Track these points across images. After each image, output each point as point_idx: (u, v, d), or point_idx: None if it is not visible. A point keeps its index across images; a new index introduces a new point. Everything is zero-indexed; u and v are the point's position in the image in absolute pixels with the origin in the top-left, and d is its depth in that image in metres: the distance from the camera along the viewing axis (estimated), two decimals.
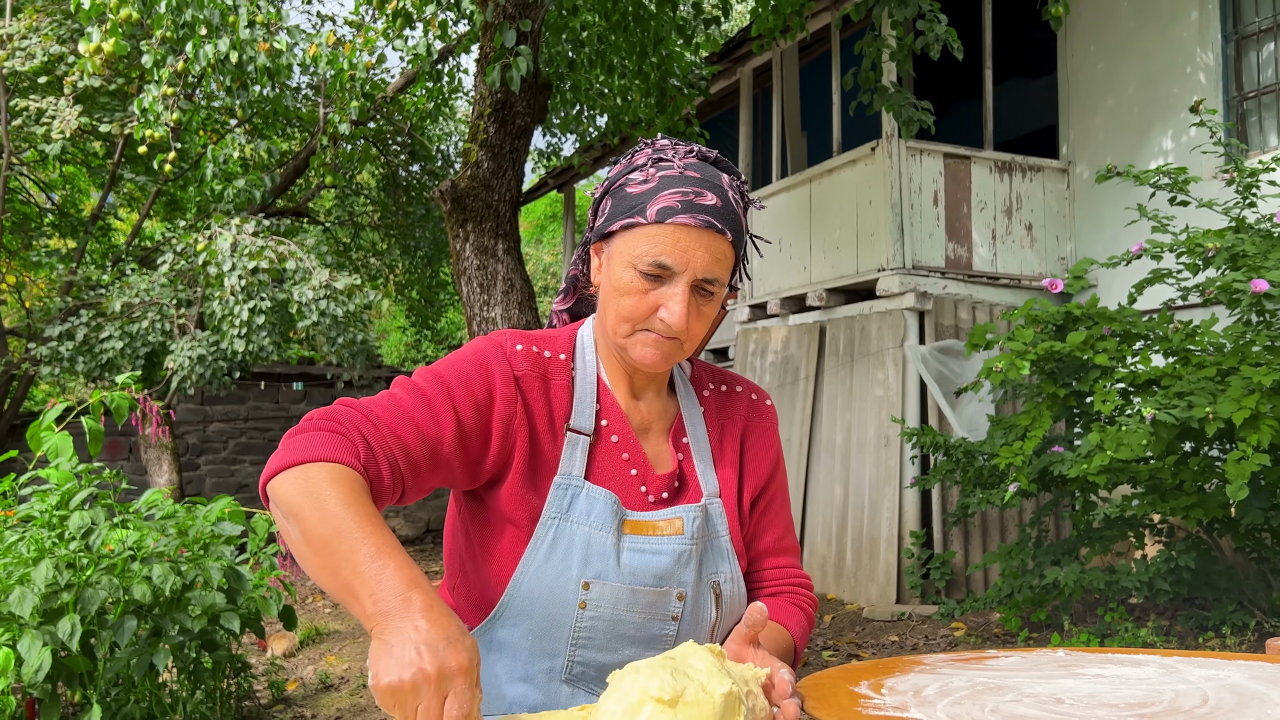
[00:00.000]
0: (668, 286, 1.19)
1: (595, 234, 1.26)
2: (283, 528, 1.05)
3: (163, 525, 3.93)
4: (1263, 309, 4.26)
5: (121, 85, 8.56)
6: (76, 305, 8.67)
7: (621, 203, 1.22)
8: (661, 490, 1.28)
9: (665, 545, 1.24)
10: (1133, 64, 7.12)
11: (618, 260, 1.21)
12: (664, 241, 1.18)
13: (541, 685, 1.23)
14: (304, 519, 1.01)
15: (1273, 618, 4.64)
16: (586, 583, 1.19)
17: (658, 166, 1.23)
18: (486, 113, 5.06)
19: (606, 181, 1.28)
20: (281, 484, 1.04)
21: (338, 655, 6.23)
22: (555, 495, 1.22)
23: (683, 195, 1.19)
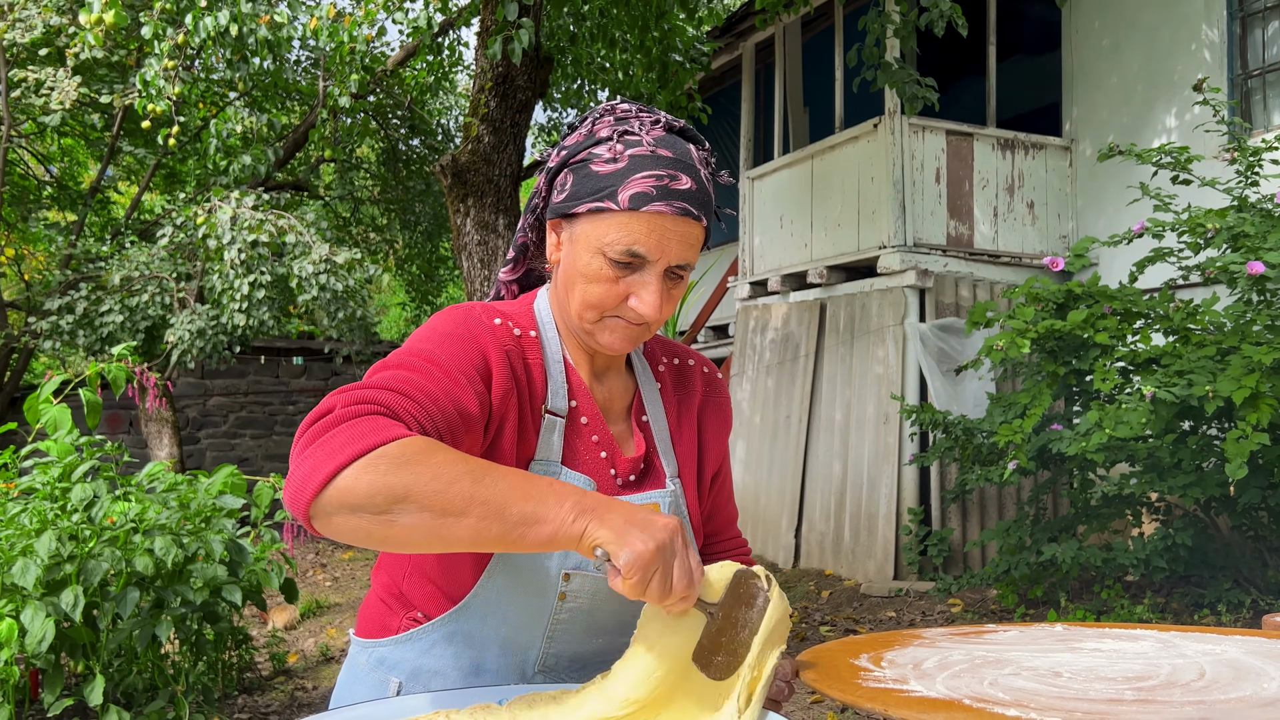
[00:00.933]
0: (639, 274, 1.13)
1: (554, 211, 1.17)
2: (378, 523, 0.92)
3: (164, 498, 3.94)
4: (1263, 288, 4.27)
5: (122, 57, 8.50)
6: (76, 278, 8.65)
7: (586, 182, 1.13)
8: (629, 473, 1.23)
9: None
10: (1137, 41, 7.07)
11: (584, 245, 1.13)
12: (638, 230, 1.10)
13: (510, 676, 1.20)
14: (420, 493, 0.91)
15: (1269, 595, 4.67)
16: (567, 574, 1.15)
17: (624, 142, 1.13)
18: (487, 86, 5.03)
19: (564, 151, 1.17)
20: (357, 480, 0.90)
21: (338, 628, 6.27)
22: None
23: (656, 179, 1.11)
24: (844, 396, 7.18)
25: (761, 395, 7.96)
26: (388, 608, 1.26)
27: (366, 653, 1.26)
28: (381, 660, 1.24)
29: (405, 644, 1.21)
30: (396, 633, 1.23)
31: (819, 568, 7.13)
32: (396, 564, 1.25)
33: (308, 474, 0.92)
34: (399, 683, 1.22)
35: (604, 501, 0.95)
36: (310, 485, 0.91)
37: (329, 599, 7.11)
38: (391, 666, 1.22)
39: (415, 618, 1.22)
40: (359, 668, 1.27)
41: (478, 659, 1.19)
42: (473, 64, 6.04)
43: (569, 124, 1.22)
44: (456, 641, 1.19)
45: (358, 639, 1.29)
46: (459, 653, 1.19)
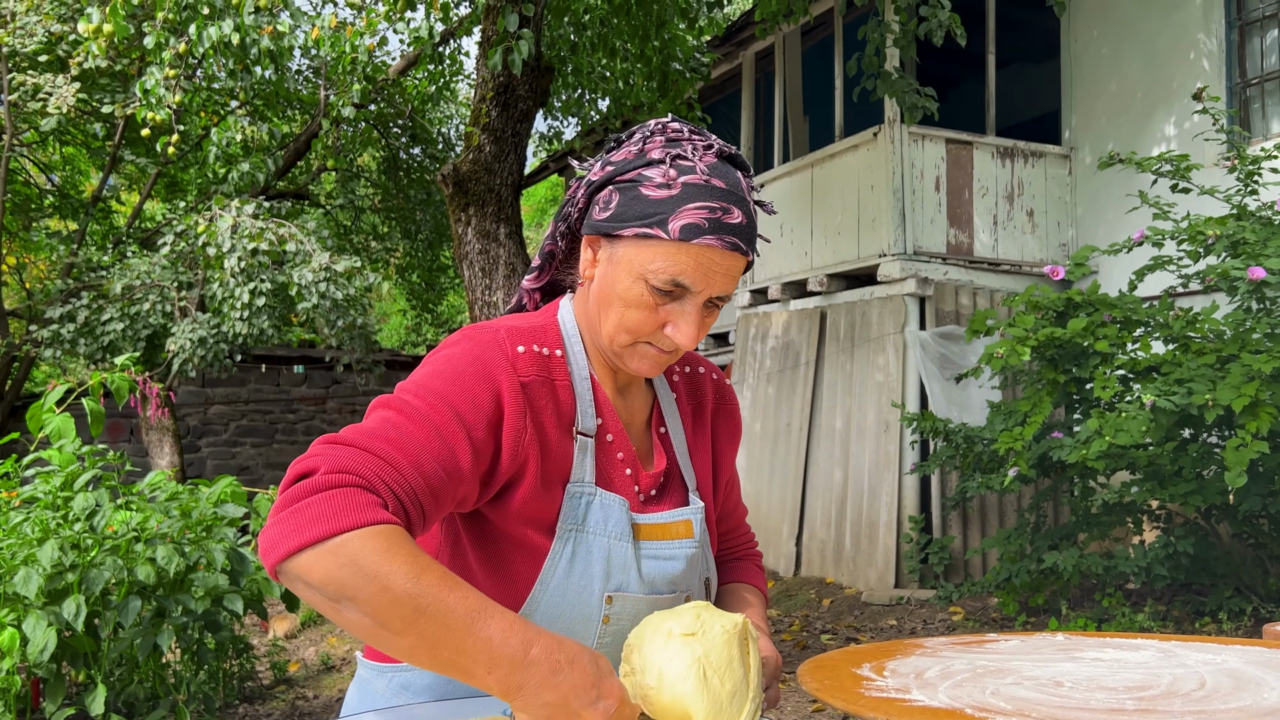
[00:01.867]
0: (679, 304, 1.11)
1: (595, 228, 1.14)
2: (328, 607, 0.92)
3: (166, 507, 3.95)
4: (1263, 296, 4.27)
5: (124, 66, 8.53)
6: (77, 287, 8.67)
7: (635, 205, 1.10)
8: (650, 487, 1.22)
9: (678, 550, 1.20)
10: (1136, 49, 7.10)
11: (625, 268, 1.11)
12: (685, 262, 1.08)
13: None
14: (365, 600, 0.90)
15: (1269, 603, 4.67)
16: (610, 596, 1.14)
17: (678, 167, 1.10)
18: (488, 96, 5.05)
19: (609, 167, 1.15)
20: (315, 564, 0.90)
21: (339, 637, 6.27)
22: (569, 505, 1.13)
23: (709, 212, 1.08)
24: (844, 404, 7.19)
25: (762, 403, 7.97)
26: None
27: (385, 677, 1.21)
28: (406, 685, 1.19)
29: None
30: None
31: (820, 576, 7.12)
32: None
33: (276, 540, 0.92)
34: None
35: (538, 677, 0.92)
36: (277, 552, 0.92)
37: None
38: (418, 692, 1.18)
39: None
40: (376, 693, 1.22)
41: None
42: (474, 73, 6.07)
43: (615, 138, 1.19)
44: None
45: (372, 662, 1.23)
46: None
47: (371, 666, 1.23)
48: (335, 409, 11.68)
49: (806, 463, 7.43)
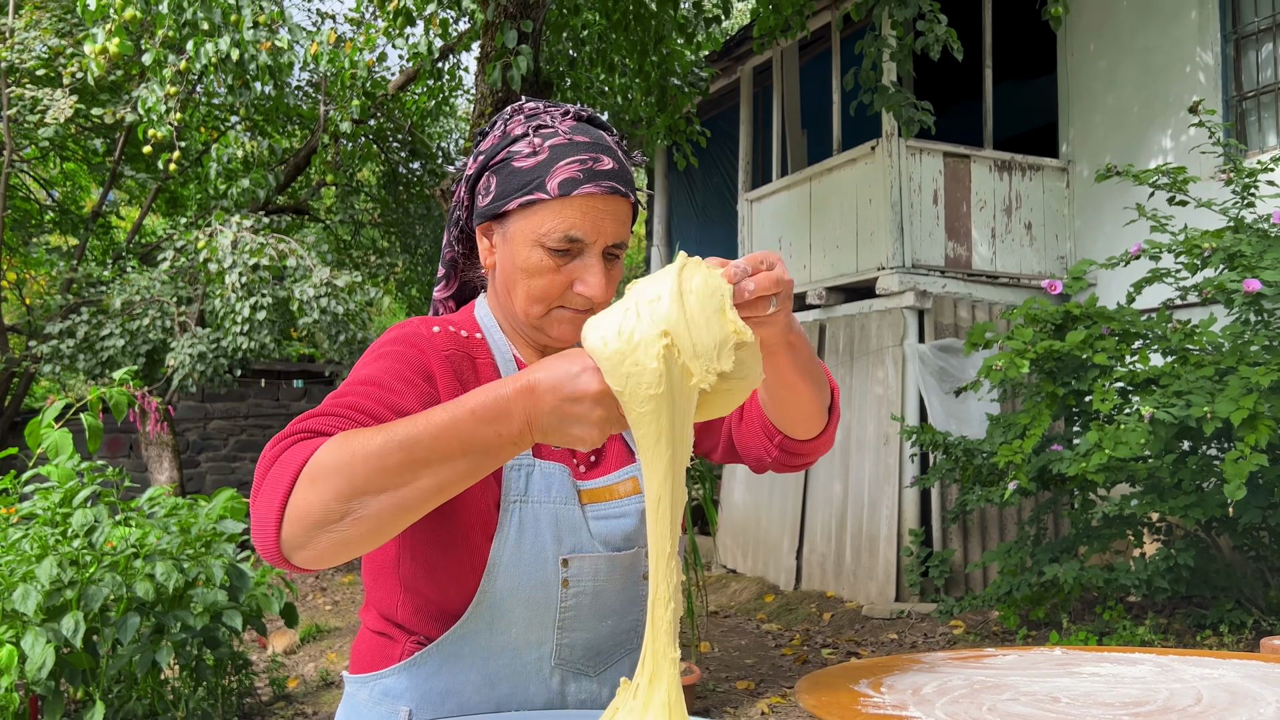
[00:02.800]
0: (580, 259, 1.13)
1: (482, 215, 1.18)
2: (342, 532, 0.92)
3: (165, 522, 3.95)
4: (1261, 308, 4.28)
5: (119, 78, 8.56)
6: (77, 302, 8.68)
7: (511, 179, 1.14)
8: (588, 456, 1.23)
9: (627, 506, 1.21)
10: (1132, 63, 7.13)
11: (519, 240, 1.14)
12: (572, 214, 1.12)
13: (530, 677, 1.18)
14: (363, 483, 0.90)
15: (1270, 616, 4.66)
16: (565, 559, 1.15)
17: (540, 135, 1.15)
18: (487, 111, 5.06)
19: (480, 156, 1.19)
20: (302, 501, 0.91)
21: (338, 652, 6.25)
22: (510, 478, 1.15)
23: (580, 164, 1.12)
24: (844, 417, 7.19)
25: None
26: (386, 639, 1.22)
27: (368, 687, 1.22)
28: (386, 692, 1.20)
29: (410, 669, 1.18)
30: (398, 661, 1.19)
31: (820, 589, 7.11)
32: (387, 595, 1.22)
33: (261, 521, 0.92)
34: (409, 711, 1.18)
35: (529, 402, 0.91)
36: (268, 529, 0.92)
37: (329, 623, 7.09)
38: (398, 696, 1.19)
39: (419, 641, 1.19)
40: (361, 704, 1.23)
41: (489, 669, 1.17)
42: (473, 88, 6.10)
43: (479, 131, 1.22)
44: (464, 655, 1.16)
45: (354, 676, 1.25)
46: (469, 666, 1.17)
47: (354, 680, 1.25)
48: None
49: (807, 475, 7.42)
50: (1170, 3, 6.88)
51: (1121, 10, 7.22)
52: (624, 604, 1.20)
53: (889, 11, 5.47)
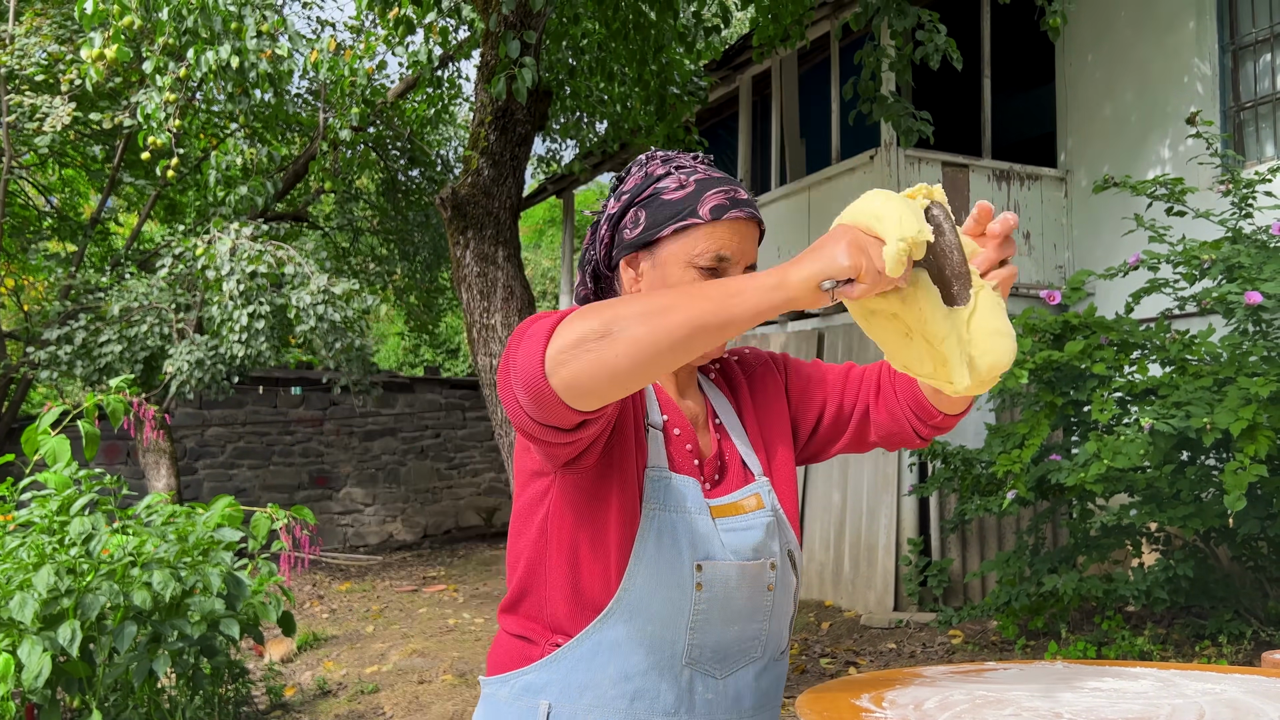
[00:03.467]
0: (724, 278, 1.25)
1: (629, 245, 1.32)
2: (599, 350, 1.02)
3: (162, 530, 3.93)
4: (1259, 319, 4.29)
5: (118, 85, 8.56)
6: (75, 309, 8.67)
7: (662, 210, 1.29)
8: (714, 474, 1.35)
9: (754, 520, 1.31)
10: (1130, 73, 7.15)
11: (672, 262, 1.28)
12: (722, 236, 1.27)
13: (663, 674, 1.26)
14: (628, 311, 1.02)
15: (1269, 626, 4.66)
16: (699, 564, 1.25)
17: (683, 172, 1.31)
18: (487, 120, 5.07)
19: (625, 195, 1.33)
20: (570, 326, 1.03)
21: (335, 661, 6.23)
22: (651, 487, 1.26)
23: (724, 193, 1.29)
24: None
25: None
26: (525, 640, 1.32)
27: (507, 686, 1.31)
28: (527, 687, 1.29)
29: (550, 666, 1.28)
30: (539, 659, 1.29)
31: (819, 598, 7.10)
32: (532, 595, 1.30)
33: (530, 349, 1.05)
34: (548, 704, 1.27)
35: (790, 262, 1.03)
36: (537, 350, 1.04)
37: (326, 631, 7.07)
38: (538, 691, 1.28)
39: (557, 641, 1.28)
40: (499, 702, 1.32)
41: (625, 664, 1.25)
42: (472, 96, 6.11)
43: (616, 177, 1.38)
44: (603, 651, 1.25)
45: (492, 678, 1.34)
46: (607, 661, 1.25)
47: (493, 681, 1.34)
48: (333, 430, 11.66)
49: (805, 485, 7.42)
50: (1168, 14, 6.90)
51: (1120, 21, 7.24)
52: (750, 611, 1.29)
53: (888, 21, 5.49)
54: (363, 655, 6.37)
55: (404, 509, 11.90)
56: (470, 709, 5.01)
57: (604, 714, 1.26)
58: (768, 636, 1.32)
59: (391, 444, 11.93)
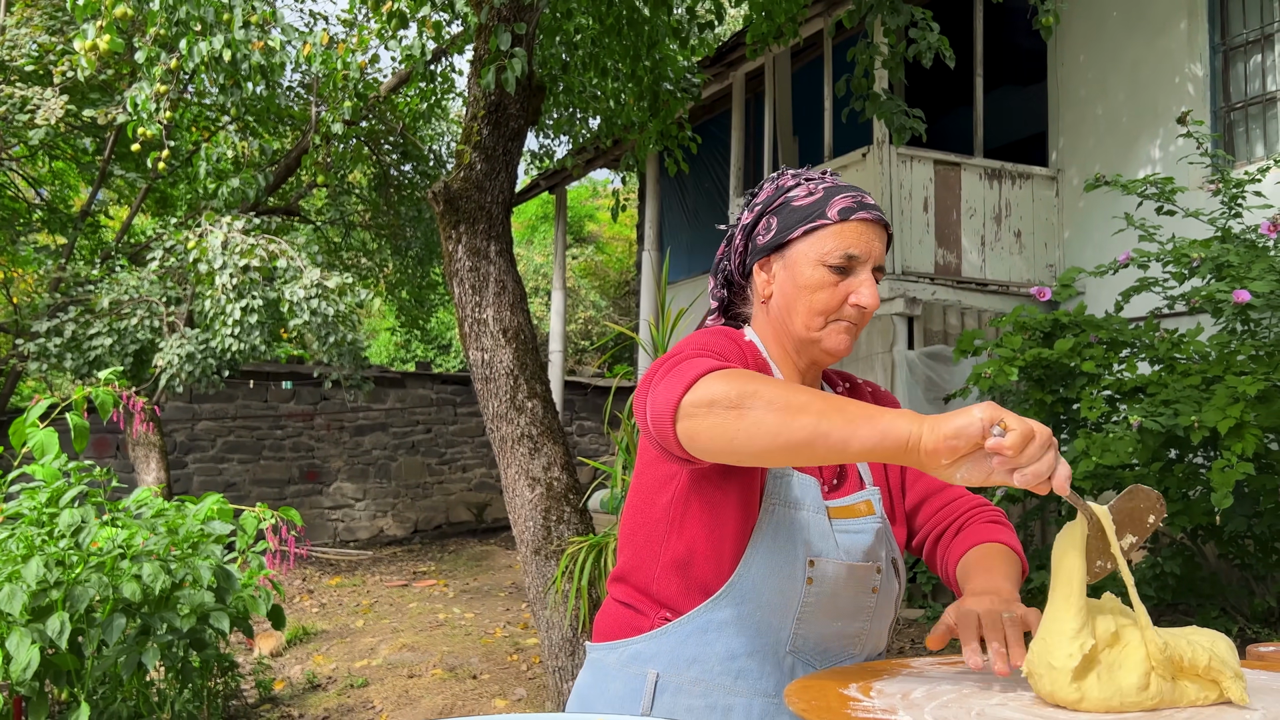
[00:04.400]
0: (854, 276, 1.35)
1: (762, 250, 1.40)
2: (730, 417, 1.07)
3: (152, 524, 3.93)
4: (1247, 318, 4.31)
5: (110, 78, 8.51)
6: (65, 301, 8.63)
7: (793, 215, 1.37)
8: (832, 478, 1.40)
9: (867, 525, 1.37)
10: (1122, 73, 7.17)
11: (803, 263, 1.36)
12: (850, 236, 1.34)
13: (767, 658, 1.32)
14: (766, 393, 1.06)
15: (1255, 623, 4.69)
16: (812, 560, 1.31)
17: (811, 183, 1.39)
18: (480, 115, 5.06)
19: (758, 206, 1.42)
20: (713, 383, 1.10)
21: (325, 655, 6.23)
22: (772, 483, 1.32)
23: (851, 198, 1.36)
24: None
25: None
26: (634, 610, 1.39)
27: (616, 653, 1.38)
28: (635, 656, 1.36)
29: (659, 638, 1.34)
30: (649, 630, 1.36)
31: None
32: (647, 570, 1.36)
33: (671, 388, 1.13)
34: (656, 673, 1.33)
35: (927, 416, 1.03)
36: (675, 393, 1.12)
37: (316, 626, 7.06)
38: (647, 660, 1.35)
39: (666, 616, 1.35)
40: (608, 668, 1.39)
41: (732, 644, 1.32)
42: (465, 91, 6.10)
43: (750, 192, 1.47)
44: (713, 629, 1.32)
45: (599, 644, 1.41)
46: (715, 639, 1.32)
47: (600, 647, 1.41)
48: (323, 425, 11.64)
49: None
50: (1160, 14, 6.93)
51: (1112, 21, 7.26)
52: (854, 609, 1.35)
53: (881, 19, 5.49)
54: (352, 649, 6.36)
55: (395, 504, 11.89)
56: (459, 703, 5.02)
57: (708, 689, 1.31)
58: (868, 636, 1.38)
59: (382, 439, 11.92)
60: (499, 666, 5.81)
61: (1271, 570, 4.69)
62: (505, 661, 5.92)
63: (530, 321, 5.06)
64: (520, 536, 4.82)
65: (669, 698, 1.32)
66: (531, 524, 4.78)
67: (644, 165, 10.10)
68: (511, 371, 4.89)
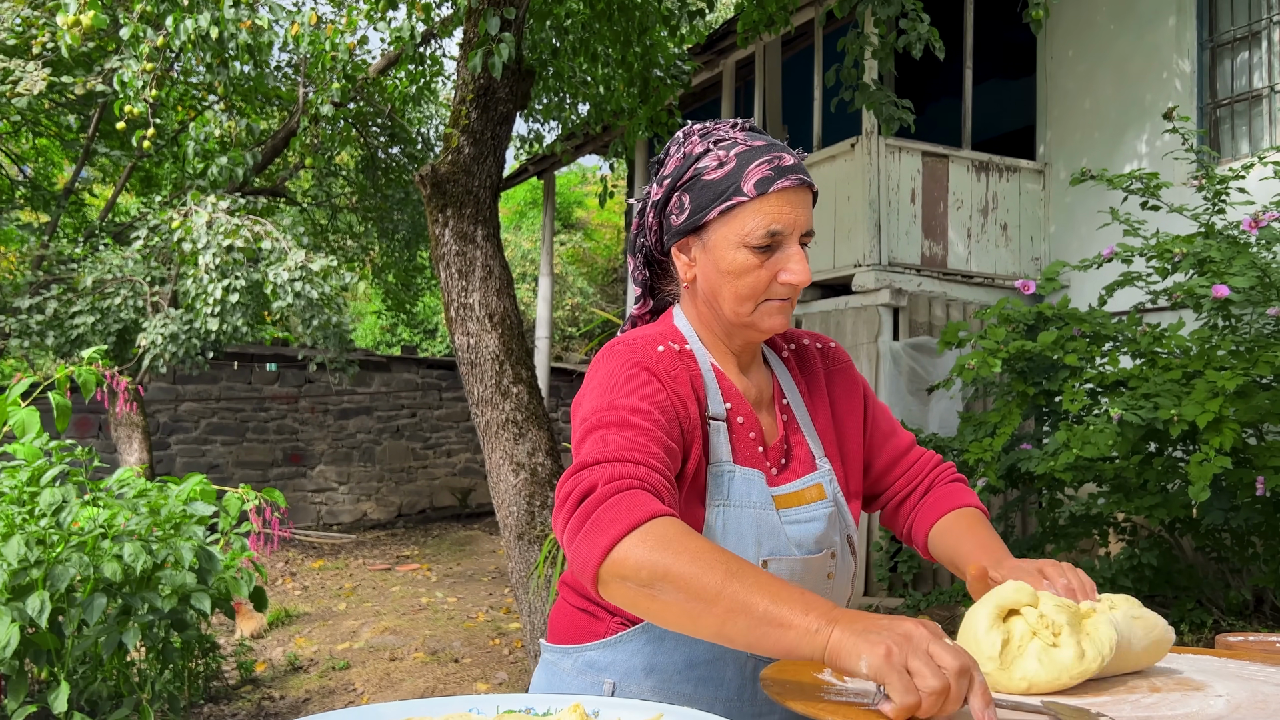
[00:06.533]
0: (780, 251, 1.23)
1: (678, 232, 1.28)
2: (643, 596, 1.02)
3: (134, 504, 3.92)
4: (1228, 314, 4.35)
5: (92, 51, 8.43)
6: (47, 279, 8.56)
7: (705, 192, 1.24)
8: (780, 458, 1.32)
9: (816, 511, 1.30)
10: (1110, 68, 7.20)
11: (723, 246, 1.24)
12: (771, 210, 1.21)
13: (728, 663, 1.28)
14: (678, 575, 0.99)
15: (1230, 615, 4.74)
16: (765, 560, 1.24)
17: (722, 147, 1.25)
18: (469, 98, 5.04)
19: (666, 180, 1.29)
20: (629, 553, 1.02)
21: (307, 637, 6.23)
22: (714, 483, 1.24)
23: (768, 164, 1.22)
24: None
25: None
26: (589, 615, 1.32)
27: (570, 658, 1.33)
28: (591, 664, 1.31)
29: (615, 646, 1.29)
30: (604, 637, 1.30)
31: None
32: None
33: (591, 549, 1.04)
34: (613, 683, 1.28)
35: (850, 613, 0.95)
36: (594, 558, 1.03)
37: (298, 608, 7.06)
38: (603, 669, 1.29)
39: (622, 623, 1.28)
40: (564, 672, 1.34)
41: (691, 652, 1.26)
42: (454, 74, 6.08)
43: (656, 160, 1.34)
44: (670, 637, 1.25)
45: (554, 645, 1.36)
46: (672, 648, 1.26)
47: (555, 650, 1.36)
48: (308, 408, 11.60)
49: None
50: (1149, 10, 6.95)
51: (1101, 16, 7.28)
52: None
53: (872, 9, 5.49)
54: (334, 632, 6.37)
55: (378, 488, 11.87)
56: (440, 687, 5.03)
57: (668, 698, 1.26)
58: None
59: (367, 423, 11.89)
60: (481, 650, 5.83)
61: (1247, 563, 4.75)
62: (487, 646, 5.93)
63: (516, 307, 5.05)
64: (504, 521, 4.82)
65: None
66: (515, 509, 4.79)
67: (633, 152, 10.07)
68: (497, 356, 4.89)
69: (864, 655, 0.90)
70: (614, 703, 1.03)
